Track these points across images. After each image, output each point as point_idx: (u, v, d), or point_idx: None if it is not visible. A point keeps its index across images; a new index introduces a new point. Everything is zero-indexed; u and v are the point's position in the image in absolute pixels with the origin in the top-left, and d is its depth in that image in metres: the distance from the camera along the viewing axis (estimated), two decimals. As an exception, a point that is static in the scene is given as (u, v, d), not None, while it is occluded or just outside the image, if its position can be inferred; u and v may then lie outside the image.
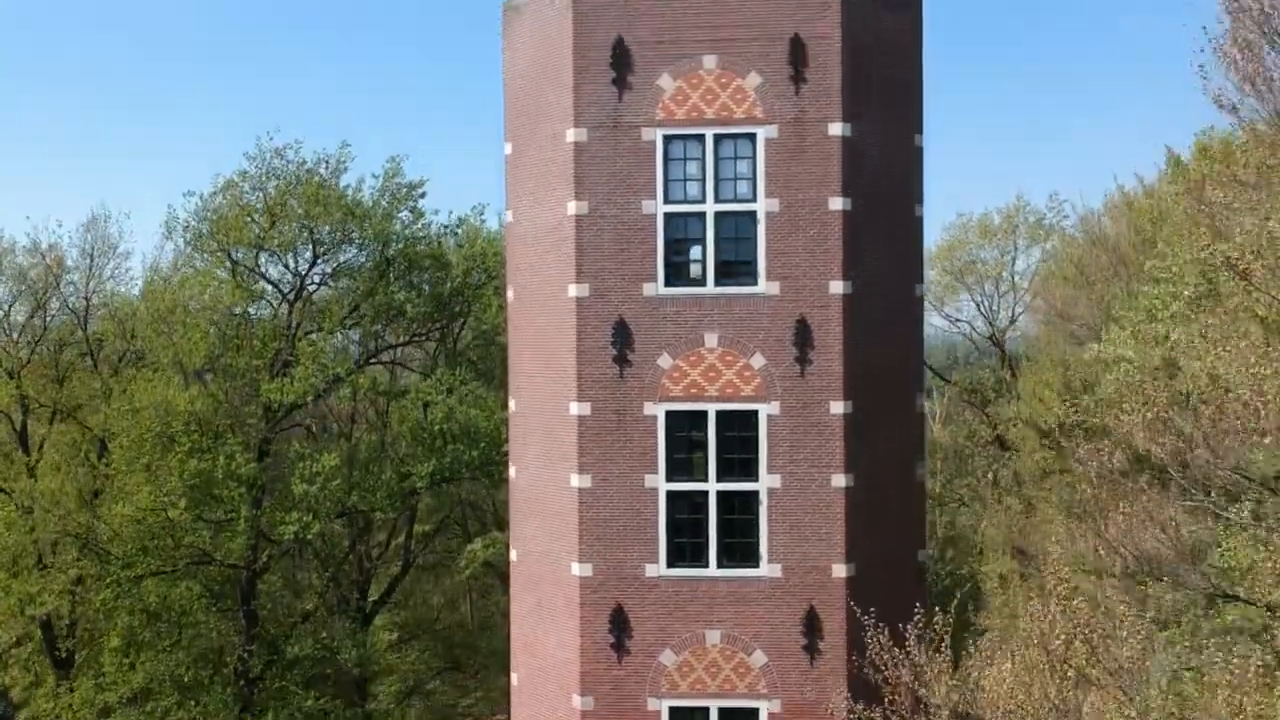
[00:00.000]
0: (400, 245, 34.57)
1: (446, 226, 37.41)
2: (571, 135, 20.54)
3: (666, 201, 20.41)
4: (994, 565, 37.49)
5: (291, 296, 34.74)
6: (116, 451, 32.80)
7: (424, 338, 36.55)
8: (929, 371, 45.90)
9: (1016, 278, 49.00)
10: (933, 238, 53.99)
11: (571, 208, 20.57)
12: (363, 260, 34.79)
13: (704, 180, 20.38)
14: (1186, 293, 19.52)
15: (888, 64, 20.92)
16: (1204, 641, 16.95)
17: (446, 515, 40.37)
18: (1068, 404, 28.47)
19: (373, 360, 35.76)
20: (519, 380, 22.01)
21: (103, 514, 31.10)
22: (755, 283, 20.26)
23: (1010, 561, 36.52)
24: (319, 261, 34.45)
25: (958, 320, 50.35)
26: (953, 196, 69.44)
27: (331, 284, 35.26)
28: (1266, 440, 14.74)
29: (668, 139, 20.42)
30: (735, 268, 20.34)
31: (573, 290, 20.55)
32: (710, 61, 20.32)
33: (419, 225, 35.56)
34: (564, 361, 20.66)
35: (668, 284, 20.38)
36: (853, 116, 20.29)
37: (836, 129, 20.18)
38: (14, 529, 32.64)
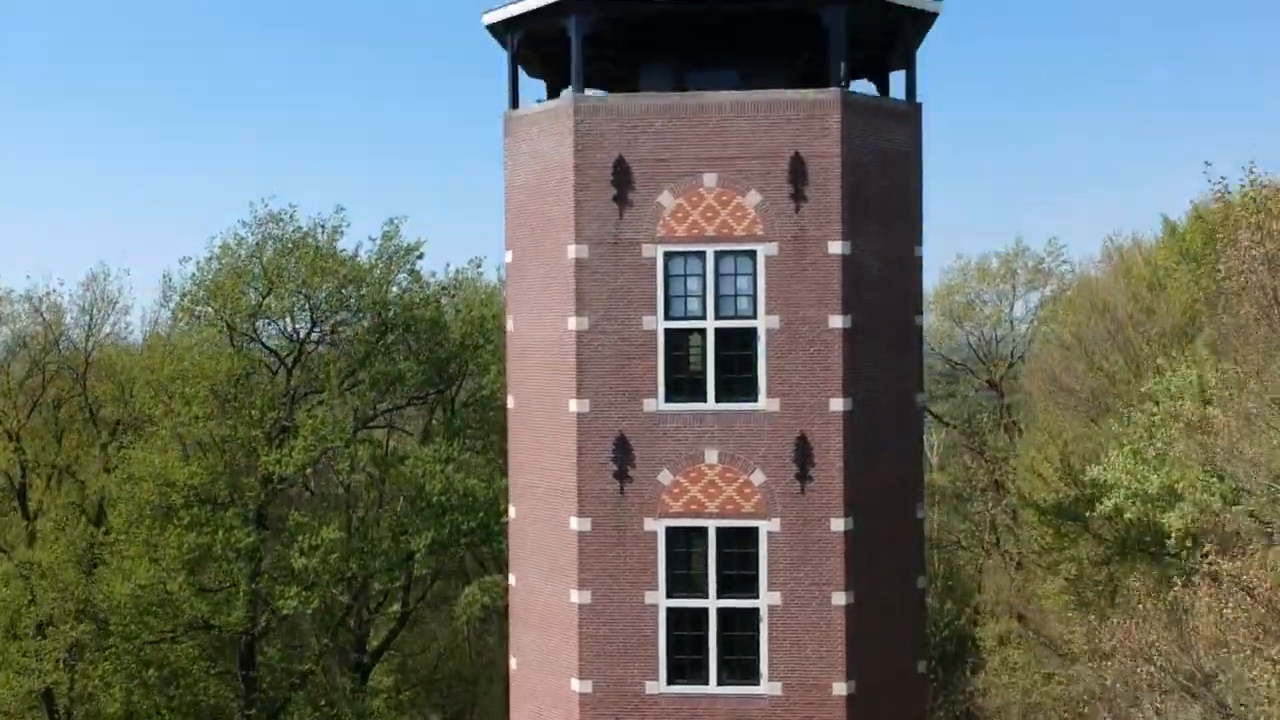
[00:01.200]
0: (398, 309, 34.62)
1: (444, 287, 37.49)
2: (573, 251, 20.58)
3: (667, 317, 20.46)
4: (993, 627, 37.63)
5: (290, 361, 34.78)
6: (115, 520, 32.84)
7: (421, 400, 36.59)
8: (927, 414, 46.18)
9: (1015, 321, 49.30)
10: (931, 279, 54.17)
11: (572, 323, 20.61)
12: (361, 323, 34.83)
13: (704, 296, 20.43)
14: (1185, 412, 19.58)
15: (888, 178, 20.98)
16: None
17: (445, 562, 40.43)
18: (1066, 482, 28.58)
19: (370, 424, 35.80)
20: (518, 487, 22.06)
21: (102, 589, 31.10)
22: (756, 399, 20.32)
23: (1010, 622, 36.68)
24: (317, 326, 34.50)
25: (956, 363, 50.53)
26: (951, 233, 69.38)
27: (330, 347, 35.31)
28: None
29: (668, 255, 20.47)
30: (736, 384, 20.39)
31: (573, 405, 20.60)
32: (710, 179, 20.37)
33: (417, 288, 35.64)
34: (564, 476, 20.72)
35: (668, 400, 20.43)
36: (852, 234, 20.34)
37: (836, 248, 20.24)
38: (12, 584, 32.67)
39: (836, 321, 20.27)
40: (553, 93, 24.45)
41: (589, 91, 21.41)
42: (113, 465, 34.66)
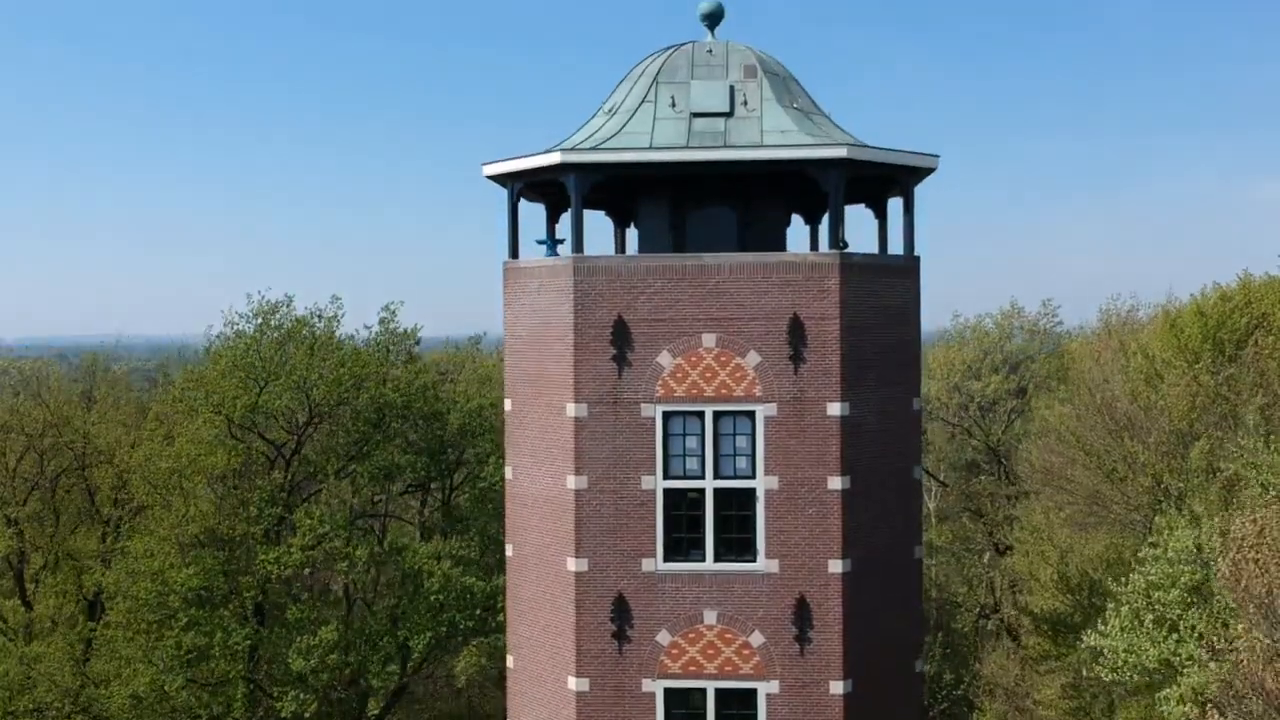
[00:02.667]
0: (395, 396, 34.57)
1: (443, 373, 37.48)
2: (572, 410, 20.57)
3: (666, 477, 20.45)
4: (990, 707, 37.66)
5: (288, 453, 34.76)
6: (114, 615, 32.85)
7: (419, 489, 36.57)
8: (926, 474, 46.18)
9: (1010, 375, 49.24)
10: (928, 331, 54.25)
11: (571, 481, 20.59)
12: (358, 412, 34.77)
13: (703, 456, 20.42)
14: (1183, 580, 19.60)
15: (888, 334, 20.97)
16: None
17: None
18: (1062, 591, 28.60)
19: (367, 514, 35.79)
20: (517, 638, 22.03)
21: (100, 691, 31.10)
22: (755, 560, 20.31)
23: (1006, 708, 36.69)
24: (314, 418, 34.45)
25: (955, 426, 50.52)
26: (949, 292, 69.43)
27: (327, 436, 35.29)
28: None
29: (667, 415, 20.46)
30: (735, 544, 20.38)
31: (571, 564, 20.58)
32: (710, 340, 20.36)
33: (414, 374, 35.61)
34: (562, 635, 20.70)
35: (667, 560, 20.43)
36: (851, 395, 20.33)
37: (835, 409, 20.22)
38: (11, 671, 32.61)
39: (835, 483, 20.26)
40: (552, 215, 24.45)
41: (588, 211, 21.33)
42: (111, 555, 34.69)
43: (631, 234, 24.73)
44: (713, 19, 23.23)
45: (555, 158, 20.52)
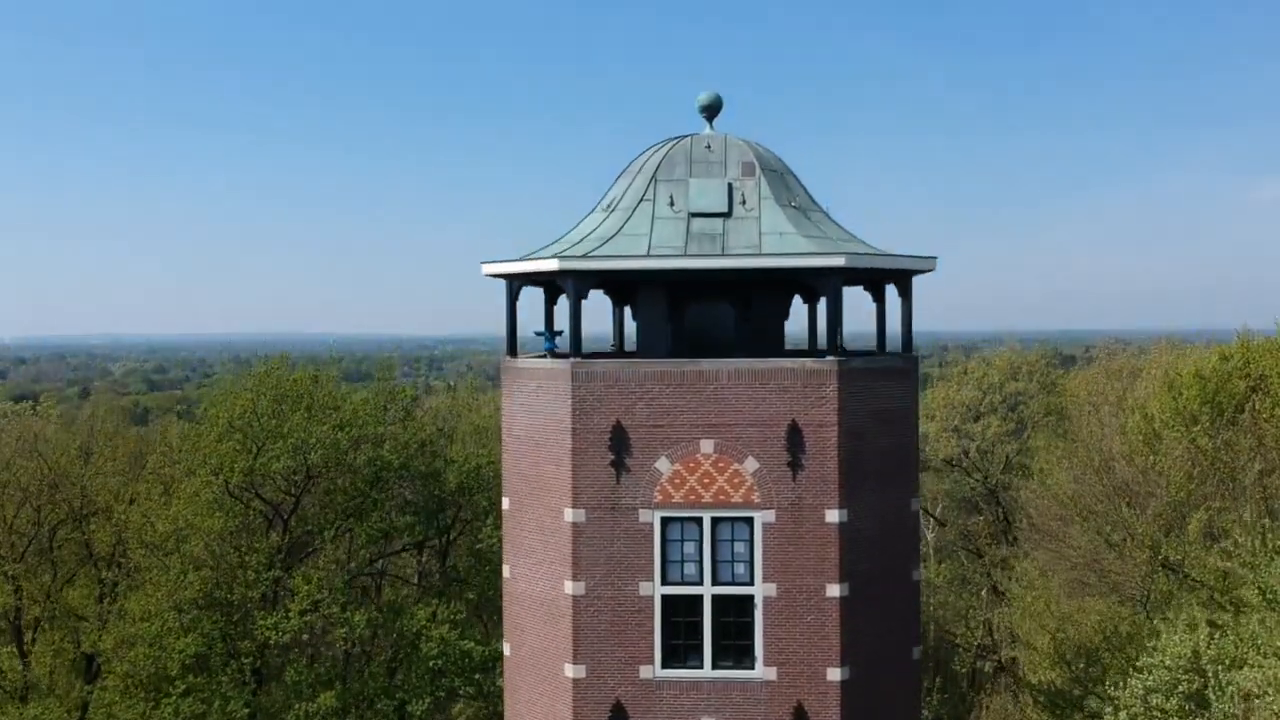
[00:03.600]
0: (392, 458, 34.50)
1: (441, 429, 37.42)
2: (570, 515, 20.53)
3: (664, 583, 20.43)
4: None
5: (286, 513, 34.69)
6: (110, 680, 32.78)
7: (416, 548, 36.52)
8: (924, 512, 46.26)
9: (1011, 427, 49.26)
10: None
11: (569, 587, 20.57)
12: (357, 471, 34.68)
13: (701, 562, 20.41)
14: (1181, 689, 19.60)
15: (886, 437, 20.95)
16: None
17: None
18: (1060, 665, 28.61)
19: (365, 572, 35.74)
20: (516, 737, 22.02)
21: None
22: (753, 667, 20.30)
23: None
24: (312, 479, 34.37)
25: (955, 464, 50.49)
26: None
27: (325, 495, 35.20)
28: None
29: (665, 521, 20.44)
30: (733, 651, 20.36)
31: (569, 670, 20.56)
32: (708, 446, 20.33)
33: (411, 434, 35.54)
34: (561, 740, 20.67)
35: (665, 666, 20.41)
36: (850, 501, 20.31)
37: (834, 516, 20.20)
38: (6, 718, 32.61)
39: (834, 590, 20.24)
40: (550, 304, 24.35)
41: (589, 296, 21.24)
42: (108, 616, 34.61)
43: (630, 304, 24.66)
44: (711, 110, 23.24)
45: (553, 264, 20.48)
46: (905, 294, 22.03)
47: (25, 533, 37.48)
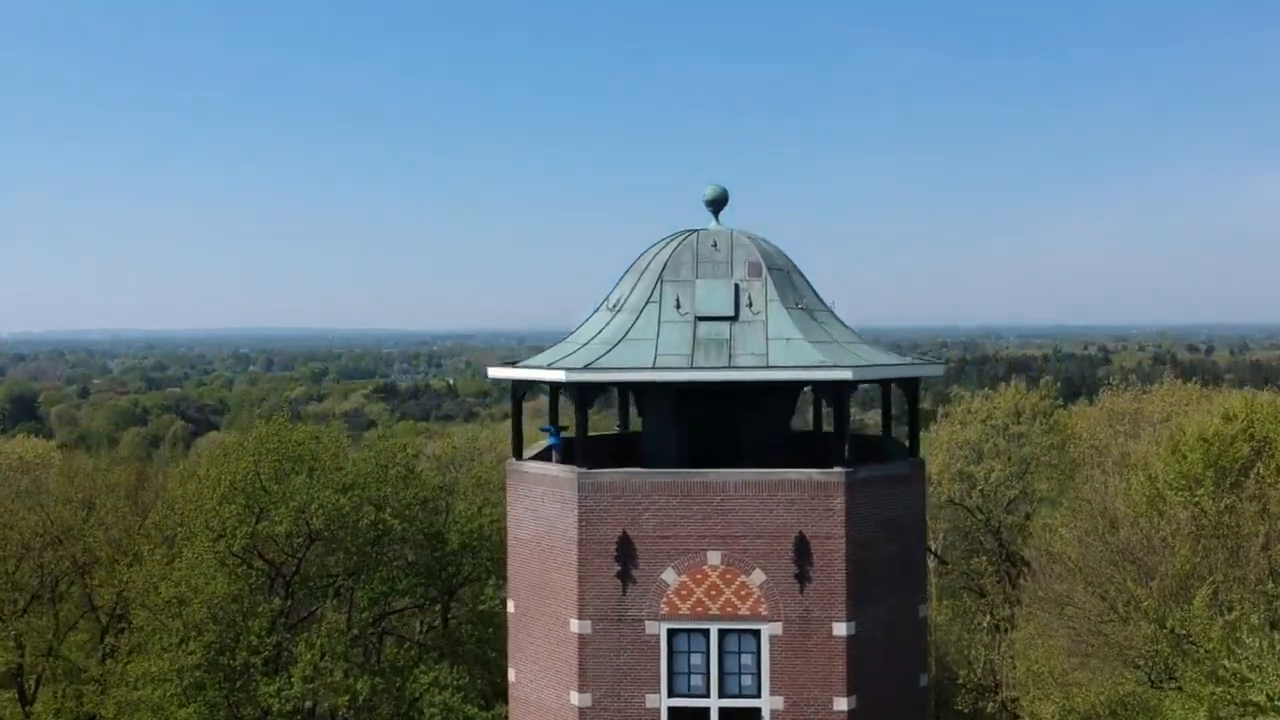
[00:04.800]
0: (394, 522, 34.38)
1: (441, 487, 37.32)
2: (575, 626, 20.46)
3: (670, 695, 20.36)
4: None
5: (288, 574, 34.60)
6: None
7: (418, 609, 36.43)
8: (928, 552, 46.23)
9: (1016, 468, 49.16)
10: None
11: (575, 699, 20.50)
12: (359, 533, 34.58)
13: (708, 674, 20.33)
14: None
15: (893, 544, 20.86)
16: None
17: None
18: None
19: (367, 632, 35.63)
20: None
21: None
22: (760, 779, 20.24)
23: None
24: (314, 541, 34.28)
25: (959, 504, 50.39)
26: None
27: (325, 555, 35.12)
28: None
29: (672, 633, 20.36)
30: (740, 763, 20.30)
31: (577, 782, 20.51)
32: (715, 558, 20.25)
33: (412, 496, 35.42)
34: None
35: (672, 777, 20.36)
36: (857, 613, 20.23)
37: (841, 629, 20.13)
38: None
39: (841, 704, 20.17)
40: (555, 395, 24.19)
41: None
42: (110, 679, 34.54)
43: (637, 398, 24.57)
44: (717, 205, 23.12)
45: (559, 375, 20.38)
46: (912, 397, 21.94)
47: (27, 586, 37.46)
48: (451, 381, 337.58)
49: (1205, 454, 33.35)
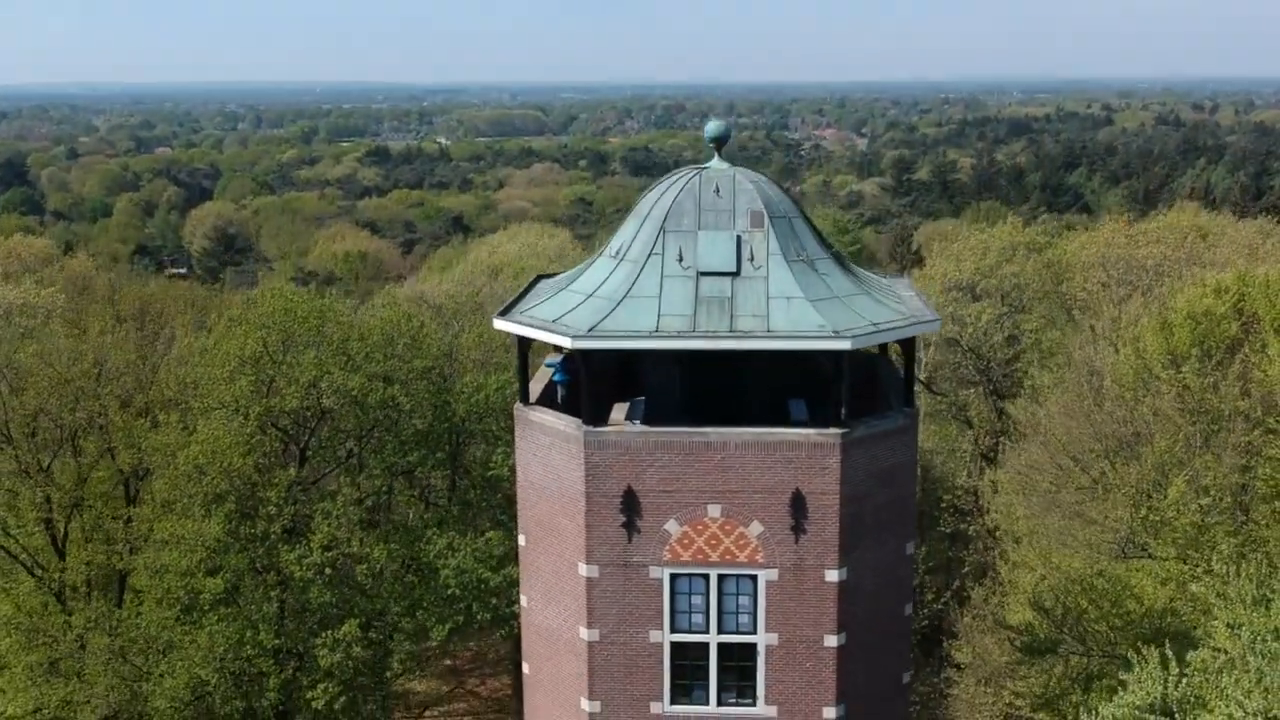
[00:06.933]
0: (404, 399, 35.37)
1: (445, 354, 38.19)
2: (584, 570, 21.75)
3: (673, 631, 21.87)
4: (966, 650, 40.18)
5: (301, 444, 35.92)
6: (146, 609, 34.70)
7: (428, 471, 37.90)
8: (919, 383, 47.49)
9: (1007, 310, 49.95)
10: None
11: (584, 633, 22.00)
12: (368, 409, 35.61)
13: (708, 613, 21.78)
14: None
15: (886, 492, 21.92)
16: None
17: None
18: (1039, 611, 30.55)
19: (380, 504, 37.27)
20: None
21: (139, 705, 33.19)
22: (755, 704, 21.98)
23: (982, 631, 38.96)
24: (325, 415, 35.42)
25: (951, 345, 51.34)
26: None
27: (335, 430, 36.28)
28: None
29: (674, 576, 21.68)
30: (736, 690, 21.99)
31: (586, 705, 22.24)
32: (715, 510, 21.35)
33: (418, 367, 36.34)
34: (578, 764, 22.56)
35: (673, 702, 22.10)
36: (849, 561, 21.49)
37: (833, 575, 21.43)
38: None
39: (831, 640, 21.68)
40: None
41: None
42: (136, 542, 36.25)
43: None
44: (719, 142, 23.12)
45: (564, 340, 20.94)
46: (909, 352, 22.55)
47: (47, 445, 38.64)
48: (444, 143, 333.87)
49: (1193, 331, 34.12)
